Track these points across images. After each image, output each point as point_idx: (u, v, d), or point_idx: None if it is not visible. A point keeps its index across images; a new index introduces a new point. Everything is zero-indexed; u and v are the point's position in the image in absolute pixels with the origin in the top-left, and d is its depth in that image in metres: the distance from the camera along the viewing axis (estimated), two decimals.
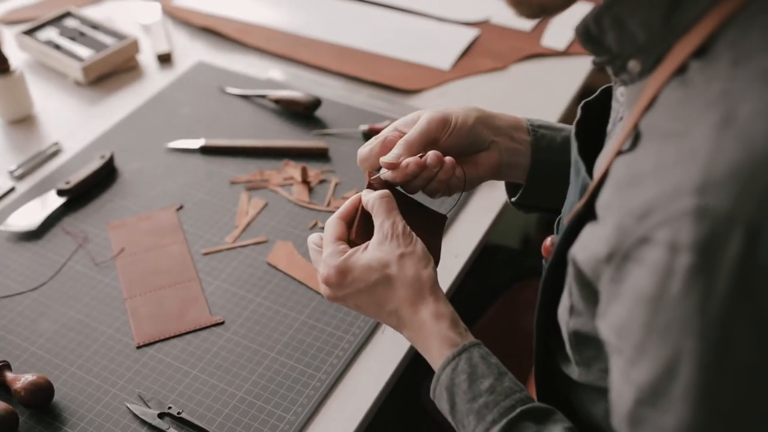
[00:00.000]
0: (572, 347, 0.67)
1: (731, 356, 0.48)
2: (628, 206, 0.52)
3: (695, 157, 0.48)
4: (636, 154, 0.56)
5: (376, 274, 0.71)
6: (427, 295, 0.70)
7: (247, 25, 1.44)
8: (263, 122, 1.21)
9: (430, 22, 1.45)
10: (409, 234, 0.72)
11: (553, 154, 0.82)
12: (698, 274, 0.47)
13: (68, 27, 1.36)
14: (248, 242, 1.02)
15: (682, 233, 0.47)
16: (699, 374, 0.48)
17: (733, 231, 0.46)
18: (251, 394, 0.84)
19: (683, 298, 0.47)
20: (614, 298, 0.54)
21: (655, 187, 0.50)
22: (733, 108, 0.49)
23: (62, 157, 1.16)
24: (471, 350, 0.69)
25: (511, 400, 0.66)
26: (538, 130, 0.83)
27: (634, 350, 0.52)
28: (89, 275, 0.98)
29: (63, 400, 0.84)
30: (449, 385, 0.68)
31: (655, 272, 0.49)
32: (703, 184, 0.47)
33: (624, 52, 0.59)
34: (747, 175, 0.46)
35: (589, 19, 0.59)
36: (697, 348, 0.48)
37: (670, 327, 0.49)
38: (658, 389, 0.50)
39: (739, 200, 0.46)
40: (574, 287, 0.62)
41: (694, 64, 0.53)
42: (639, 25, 0.57)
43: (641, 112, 0.57)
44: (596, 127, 0.74)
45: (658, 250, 0.49)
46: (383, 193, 0.73)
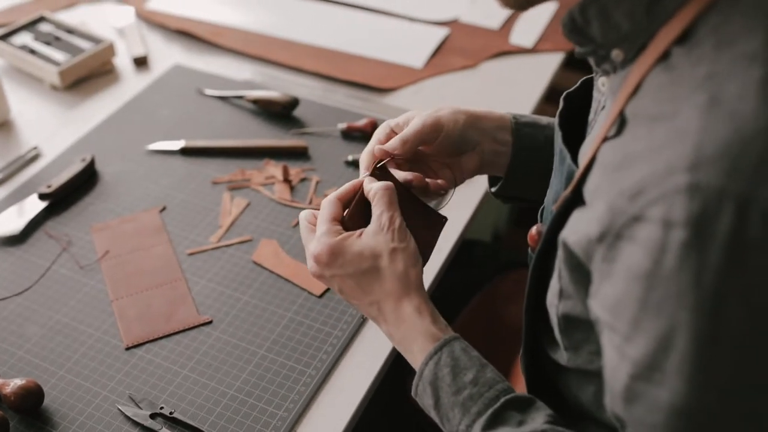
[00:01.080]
0: (561, 331, 0.67)
1: (724, 328, 0.48)
2: (620, 187, 0.52)
3: (685, 137, 0.49)
4: (623, 138, 0.56)
5: (367, 263, 0.70)
6: (412, 291, 0.70)
7: (221, 27, 1.41)
8: (242, 123, 1.19)
9: (401, 22, 1.44)
10: (404, 230, 0.71)
11: (533, 153, 0.83)
12: (692, 249, 0.47)
13: (43, 31, 1.32)
14: (233, 241, 1.00)
15: (675, 209, 0.47)
16: (693, 346, 0.48)
17: (725, 206, 0.46)
18: (242, 391, 0.83)
19: (678, 273, 0.48)
20: (607, 276, 0.54)
21: (646, 167, 0.50)
22: (719, 89, 0.49)
23: (42, 161, 1.12)
24: (452, 343, 0.68)
25: (495, 390, 0.66)
26: (522, 128, 0.83)
27: (629, 326, 0.52)
28: (74, 278, 0.95)
29: (53, 404, 0.81)
30: (433, 379, 0.68)
31: (649, 249, 0.49)
32: (694, 162, 0.47)
33: (608, 41, 0.60)
34: (736, 152, 0.47)
35: (575, 10, 0.59)
36: (691, 320, 0.48)
37: (665, 301, 0.49)
38: (654, 363, 0.50)
39: (730, 176, 0.46)
40: (564, 271, 0.62)
41: (677, 50, 0.54)
42: (623, 14, 0.57)
43: (626, 99, 0.57)
44: (578, 117, 0.74)
45: (651, 227, 0.49)
46: (387, 185, 0.72)
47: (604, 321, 0.55)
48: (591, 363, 0.65)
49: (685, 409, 0.50)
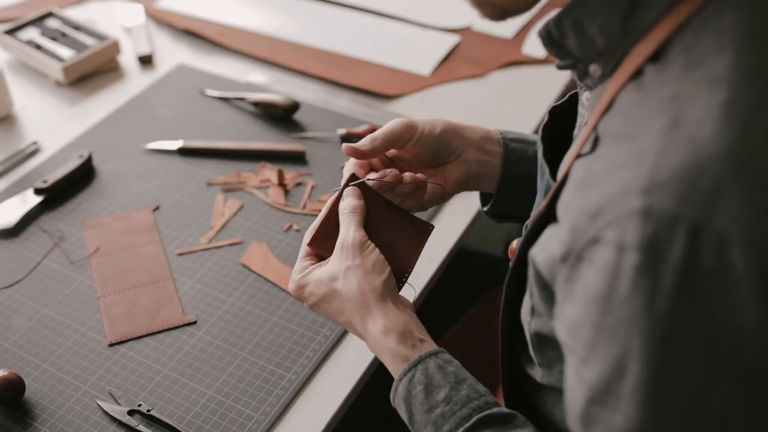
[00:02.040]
0: (534, 348, 0.69)
1: (677, 357, 0.49)
2: (581, 207, 0.54)
3: (643, 159, 0.50)
4: (594, 156, 0.57)
5: (324, 288, 0.74)
6: (372, 309, 0.72)
7: (229, 28, 1.46)
8: (242, 125, 1.24)
9: (411, 28, 1.48)
10: (360, 246, 0.74)
11: (524, 167, 0.85)
12: (644, 274, 0.48)
13: (50, 27, 1.38)
14: (223, 243, 1.04)
15: (628, 233, 0.49)
16: (646, 372, 0.50)
17: (677, 232, 0.47)
18: (221, 393, 0.86)
19: (630, 298, 0.49)
20: (568, 297, 0.56)
21: (605, 188, 0.52)
22: (681, 111, 0.51)
23: (41, 156, 1.18)
24: (427, 361, 0.70)
25: (468, 408, 0.68)
26: (510, 143, 0.85)
27: (585, 349, 0.53)
28: (64, 273, 1.00)
29: (34, 396, 0.86)
30: (406, 396, 0.70)
31: (604, 272, 0.50)
32: (649, 185, 0.49)
33: (585, 55, 0.61)
34: (691, 177, 0.48)
35: (551, 22, 0.61)
36: (643, 346, 0.49)
37: (618, 326, 0.50)
38: (608, 388, 0.52)
39: (683, 201, 0.47)
40: (535, 288, 0.64)
41: (650, 68, 0.55)
42: (598, 29, 0.58)
43: (599, 116, 0.59)
44: (564, 131, 0.77)
45: (606, 250, 0.50)
46: (351, 205, 0.76)
47: (565, 342, 0.57)
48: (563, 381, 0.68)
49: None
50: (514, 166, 0.85)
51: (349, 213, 0.76)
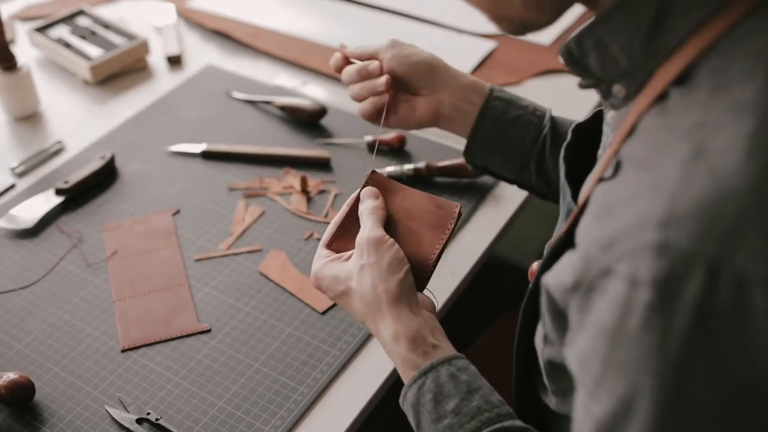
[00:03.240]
0: (548, 376, 0.68)
1: (688, 397, 0.48)
2: (595, 236, 0.52)
3: (662, 190, 0.49)
4: (614, 182, 0.56)
5: (342, 286, 0.74)
6: (385, 312, 0.71)
7: (259, 29, 1.47)
8: (267, 129, 1.24)
9: (446, 33, 1.47)
10: (376, 243, 0.73)
11: (498, 125, 0.90)
12: (656, 312, 0.47)
13: (80, 25, 1.40)
14: (241, 250, 1.04)
15: (641, 268, 0.47)
16: (655, 413, 0.48)
17: (694, 269, 0.46)
18: (231, 404, 0.86)
19: (641, 335, 0.48)
20: (580, 328, 0.54)
21: (621, 218, 0.51)
22: (704, 141, 0.49)
23: (64, 155, 1.20)
24: (438, 369, 0.69)
25: (477, 421, 0.67)
26: (494, 100, 0.91)
27: (594, 383, 0.52)
28: (81, 276, 1.01)
29: (44, 400, 0.87)
30: (415, 403, 0.69)
31: (615, 306, 0.49)
32: (665, 219, 0.47)
33: (607, 76, 0.60)
34: (710, 212, 0.46)
35: (572, 40, 0.60)
36: (654, 386, 0.48)
37: (627, 363, 0.49)
38: (615, 425, 0.51)
39: (701, 238, 0.46)
40: (547, 316, 0.62)
41: (675, 92, 0.53)
42: (620, 48, 0.57)
43: (622, 140, 0.57)
44: (588, 151, 0.75)
45: (618, 283, 0.49)
46: (370, 206, 0.76)
47: (575, 374, 0.56)
48: None
49: None
50: (489, 123, 0.91)
51: (368, 213, 0.76)
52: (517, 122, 0.91)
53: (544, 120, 0.92)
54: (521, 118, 0.91)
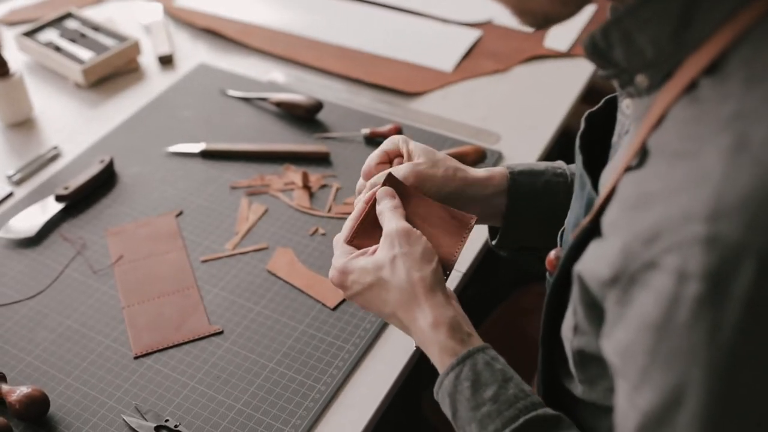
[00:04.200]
0: (576, 365, 0.65)
1: (739, 388, 0.46)
2: (635, 228, 0.50)
3: (706, 182, 0.46)
4: (644, 172, 0.53)
5: (371, 277, 0.69)
6: (422, 300, 0.68)
7: (249, 26, 1.41)
8: (264, 126, 1.19)
9: (432, 23, 1.42)
10: (408, 234, 0.69)
11: (531, 201, 0.80)
12: (707, 304, 0.45)
13: (69, 28, 1.33)
14: (248, 249, 0.99)
15: (691, 261, 0.45)
16: (705, 405, 0.46)
17: (744, 261, 0.44)
18: (249, 405, 0.82)
19: (691, 328, 0.46)
20: (619, 320, 0.52)
21: (663, 210, 0.48)
22: (746, 132, 0.46)
23: (61, 161, 1.13)
24: (475, 357, 0.67)
25: (515, 409, 0.64)
26: (518, 178, 0.80)
27: (639, 375, 0.50)
28: (87, 283, 0.95)
29: (59, 413, 0.82)
30: (452, 391, 0.67)
31: (661, 299, 0.47)
32: (714, 212, 0.45)
33: (631, 66, 0.57)
34: (759, 204, 0.44)
35: (597, 33, 0.57)
36: (704, 378, 0.46)
37: (675, 355, 0.47)
38: (663, 417, 0.48)
39: (751, 229, 0.44)
40: (579, 307, 0.60)
41: (705, 82, 0.51)
42: (648, 40, 0.54)
43: (650, 129, 0.54)
44: (600, 138, 0.72)
45: (665, 277, 0.47)
46: (392, 204, 0.72)
47: (615, 365, 0.53)
48: (606, 399, 0.63)
49: None
50: (521, 202, 0.80)
51: (391, 209, 0.72)
52: (547, 189, 0.82)
53: (567, 176, 0.84)
54: (548, 183, 0.82)
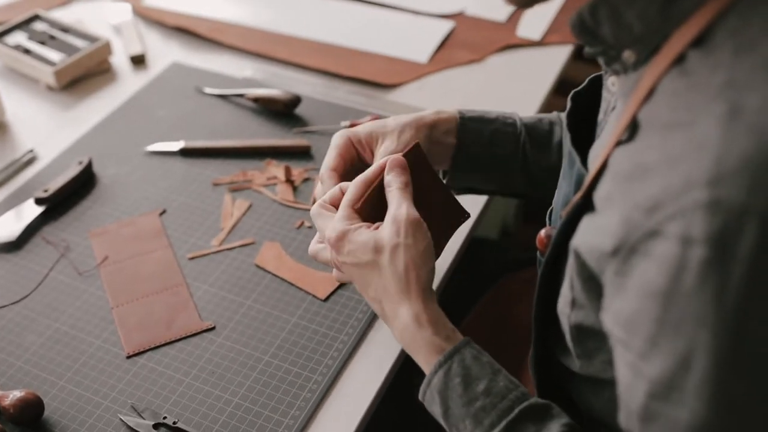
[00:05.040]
0: (573, 340, 0.66)
1: (747, 348, 0.47)
2: (635, 199, 0.51)
3: (704, 150, 0.47)
4: (636, 145, 0.55)
5: (368, 256, 0.69)
6: (413, 295, 0.68)
7: (221, 23, 1.40)
8: (243, 122, 1.18)
9: (405, 16, 1.43)
10: (417, 226, 0.69)
11: (478, 148, 0.86)
12: (713, 267, 0.46)
13: (37, 30, 1.31)
14: (235, 245, 0.99)
15: (694, 226, 0.46)
16: (714, 367, 0.47)
17: (747, 223, 0.45)
18: (247, 399, 0.82)
19: (698, 292, 0.47)
20: (620, 291, 0.53)
21: (663, 179, 0.49)
22: (739, 99, 0.48)
23: (38, 164, 1.12)
24: (463, 351, 0.67)
25: (508, 401, 0.65)
26: (468, 124, 0.85)
27: (646, 344, 0.51)
28: (73, 285, 0.94)
29: (53, 416, 0.80)
30: (442, 388, 0.66)
31: (666, 266, 0.48)
32: (715, 176, 0.46)
33: (619, 42, 0.58)
34: (759, 167, 0.45)
35: (584, 10, 0.58)
36: (712, 340, 0.47)
37: (684, 320, 0.48)
38: (672, 383, 0.49)
39: (752, 192, 0.45)
40: (576, 280, 0.61)
41: (694, 54, 0.52)
42: (636, 15, 0.55)
43: (640, 103, 0.56)
44: (586, 116, 0.73)
45: (669, 244, 0.48)
46: (401, 180, 0.72)
47: (617, 337, 0.54)
48: (604, 371, 0.65)
49: (704, 430, 0.49)
50: (468, 148, 0.86)
51: (401, 188, 0.71)
52: (494, 139, 0.87)
53: (518, 125, 0.89)
54: (496, 132, 0.87)
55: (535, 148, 0.88)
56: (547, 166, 0.87)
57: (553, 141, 0.88)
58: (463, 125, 0.85)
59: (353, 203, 0.72)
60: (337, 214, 0.72)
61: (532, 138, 0.88)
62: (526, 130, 0.88)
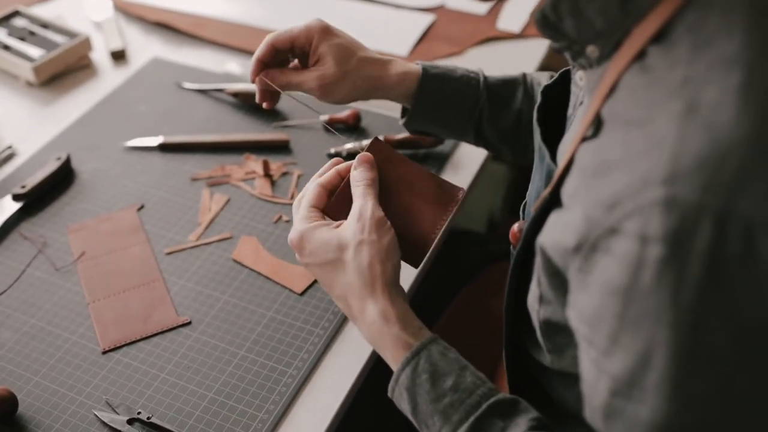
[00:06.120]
0: (543, 335, 0.66)
1: (704, 345, 0.47)
2: (596, 196, 0.51)
3: (661, 147, 0.47)
4: (600, 141, 0.54)
5: (332, 254, 0.69)
6: (378, 291, 0.68)
7: (201, 18, 1.39)
8: (222, 116, 1.18)
9: (385, 9, 1.42)
10: (380, 224, 0.69)
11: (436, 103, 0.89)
12: (669, 265, 0.46)
13: (17, 26, 1.30)
14: (212, 239, 0.99)
15: (651, 224, 0.46)
16: (673, 364, 0.47)
17: (702, 221, 0.45)
18: (222, 394, 0.82)
19: (655, 289, 0.47)
20: (583, 287, 0.53)
21: (622, 177, 0.49)
22: (695, 96, 0.48)
23: (16, 161, 1.11)
24: (430, 348, 0.67)
25: (476, 396, 0.64)
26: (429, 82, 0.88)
27: (607, 341, 0.51)
28: (50, 281, 0.94)
29: (28, 412, 0.80)
30: (410, 385, 0.66)
31: (625, 263, 0.48)
32: (670, 175, 0.46)
33: (582, 38, 0.58)
34: (713, 165, 0.45)
35: (547, 6, 0.58)
36: (670, 338, 0.47)
37: (642, 318, 0.48)
38: (633, 380, 0.49)
39: (707, 190, 0.45)
40: (543, 276, 0.61)
41: (654, 50, 0.52)
42: (596, 11, 0.55)
43: (603, 99, 0.55)
44: (556, 111, 0.73)
45: (627, 241, 0.48)
46: (368, 177, 0.71)
47: (581, 333, 0.54)
48: (575, 367, 0.64)
49: (665, 426, 0.49)
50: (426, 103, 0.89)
51: (366, 186, 0.71)
52: (454, 96, 0.89)
53: (480, 88, 0.90)
54: (457, 90, 0.89)
55: (494, 111, 0.90)
56: (502, 128, 0.90)
57: (513, 106, 0.90)
58: (422, 86, 0.88)
59: (313, 204, 0.72)
60: (297, 215, 0.72)
61: (492, 101, 0.90)
62: (487, 93, 0.90)
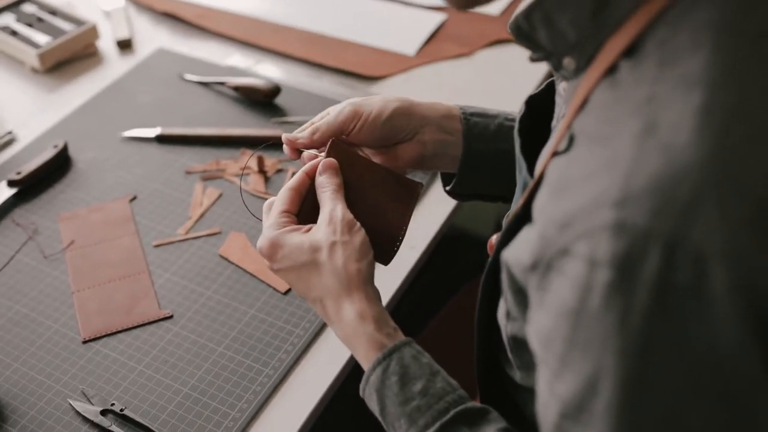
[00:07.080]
0: (512, 351, 0.65)
1: (651, 374, 0.46)
2: (552, 214, 0.50)
3: (616, 167, 0.46)
4: (569, 156, 0.53)
5: (305, 257, 0.68)
6: (354, 291, 0.67)
7: (209, 10, 1.40)
8: (222, 110, 1.18)
9: (395, 7, 1.42)
10: (349, 223, 0.68)
11: (486, 143, 0.79)
12: (616, 291, 0.45)
13: (26, 12, 1.32)
14: (201, 234, 0.99)
15: (600, 248, 0.45)
16: (619, 391, 0.46)
17: (651, 248, 0.44)
18: (197, 389, 0.82)
19: (603, 314, 0.46)
20: (539, 306, 0.52)
21: (577, 195, 0.48)
22: (656, 115, 0.46)
23: (16, 146, 1.13)
24: (402, 350, 0.66)
25: (444, 402, 0.64)
26: (471, 118, 0.79)
27: (558, 362, 0.50)
28: (38, 268, 0.95)
29: (5, 397, 0.82)
30: (379, 387, 0.66)
31: (575, 286, 0.47)
32: (622, 198, 0.45)
33: (557, 49, 0.57)
34: (665, 190, 0.44)
35: (520, 15, 0.57)
36: (616, 365, 0.46)
37: (590, 342, 0.47)
38: (581, 404, 0.48)
39: (657, 216, 0.44)
40: (509, 293, 0.60)
41: (625, 64, 0.51)
42: (568, 22, 0.54)
43: (574, 113, 0.54)
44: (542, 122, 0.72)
45: (577, 264, 0.47)
46: (334, 182, 0.70)
47: (536, 352, 0.53)
48: None
49: None
50: (476, 142, 0.79)
51: (333, 191, 0.70)
52: (500, 134, 0.80)
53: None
54: (501, 127, 0.80)
55: None
56: None
57: None
58: (467, 120, 0.79)
59: (283, 209, 0.71)
60: (266, 222, 0.71)
61: None
62: None
